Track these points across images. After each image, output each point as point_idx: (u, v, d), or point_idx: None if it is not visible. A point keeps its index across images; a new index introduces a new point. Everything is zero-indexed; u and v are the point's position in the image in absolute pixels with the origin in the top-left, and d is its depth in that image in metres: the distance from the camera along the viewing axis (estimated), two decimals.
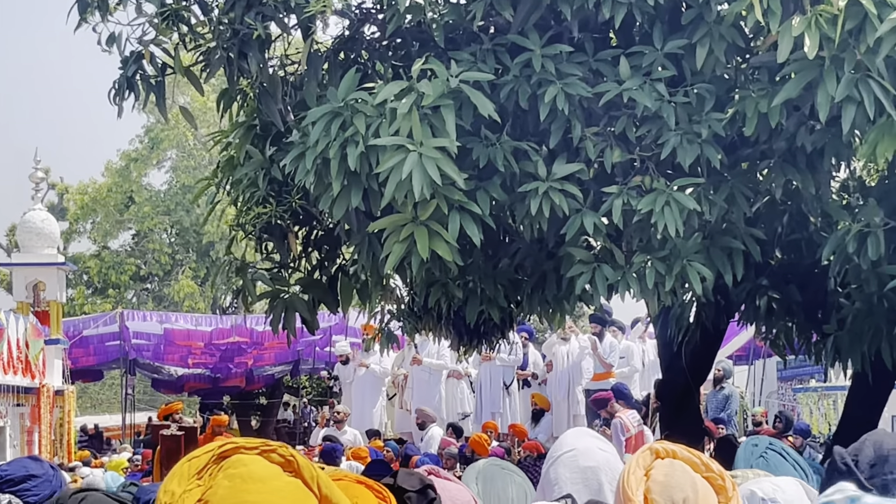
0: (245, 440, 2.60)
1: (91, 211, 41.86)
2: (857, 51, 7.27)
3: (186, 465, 2.55)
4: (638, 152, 8.17)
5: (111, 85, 9.07)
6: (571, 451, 4.58)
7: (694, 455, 3.62)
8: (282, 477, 2.53)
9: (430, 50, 8.38)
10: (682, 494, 3.44)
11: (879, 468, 2.94)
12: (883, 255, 8.09)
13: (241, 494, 2.46)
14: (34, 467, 5.23)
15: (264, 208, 9.54)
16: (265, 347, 30.25)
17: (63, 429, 24.91)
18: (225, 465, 2.52)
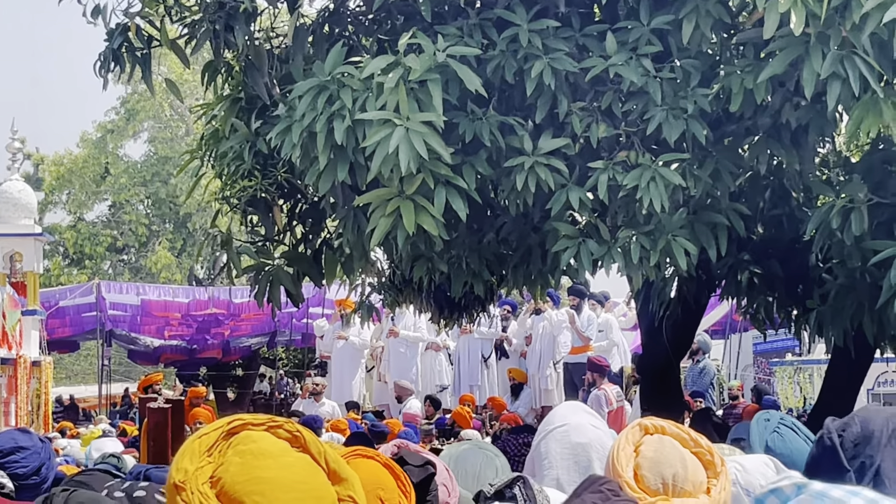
0: (252, 416, 2.60)
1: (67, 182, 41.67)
2: (842, 27, 7.28)
3: (196, 442, 2.55)
4: (623, 127, 8.19)
5: (96, 57, 9.07)
6: (564, 427, 4.59)
7: (683, 431, 3.65)
8: (291, 452, 2.53)
9: (416, 24, 8.37)
10: (671, 470, 3.47)
11: (862, 447, 2.89)
12: (866, 230, 8.12)
13: (254, 471, 2.47)
14: (23, 439, 5.22)
15: (249, 181, 9.54)
16: (242, 319, 30.21)
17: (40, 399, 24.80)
18: (234, 442, 2.52)
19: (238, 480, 2.47)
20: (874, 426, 2.83)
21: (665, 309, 10.87)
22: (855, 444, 2.79)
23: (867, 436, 2.78)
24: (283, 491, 2.45)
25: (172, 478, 2.51)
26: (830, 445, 2.85)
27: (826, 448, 2.85)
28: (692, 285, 10.52)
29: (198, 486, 2.47)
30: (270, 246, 10.12)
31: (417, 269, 9.41)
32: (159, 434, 9.98)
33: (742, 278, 10.43)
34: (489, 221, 9.42)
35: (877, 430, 2.81)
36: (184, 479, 2.48)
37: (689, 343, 12.75)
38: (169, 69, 31.74)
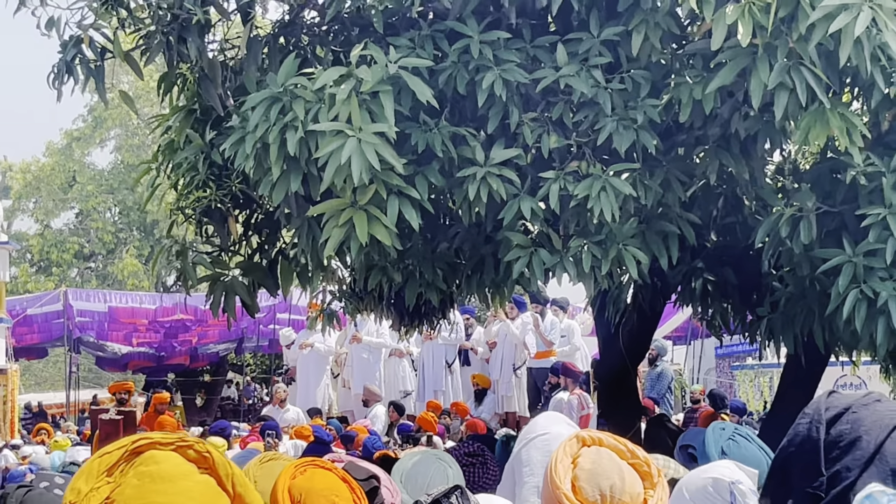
0: (162, 435, 2.56)
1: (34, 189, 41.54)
2: (789, 38, 7.31)
3: (97, 461, 2.51)
4: (574, 138, 8.18)
5: (50, 69, 9.02)
6: (545, 436, 4.65)
7: (620, 442, 3.66)
8: (193, 476, 2.50)
9: (369, 36, 8.37)
10: (608, 482, 3.47)
11: (843, 454, 2.70)
12: (815, 238, 8.15)
13: (149, 495, 2.43)
14: None
15: (204, 192, 9.51)
16: (209, 325, 30.17)
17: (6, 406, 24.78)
18: (137, 462, 2.49)
19: (132, 503, 2.42)
20: (865, 431, 2.61)
21: (620, 316, 10.89)
22: (839, 444, 2.61)
23: (854, 441, 2.59)
24: None
25: (66, 499, 2.46)
26: (814, 438, 2.65)
27: (806, 439, 2.66)
28: (647, 293, 10.54)
29: None
30: (226, 256, 10.09)
31: (372, 278, 9.40)
32: None
33: (696, 285, 10.46)
34: (442, 231, 9.41)
35: (865, 437, 2.60)
36: (75, 500, 2.44)
37: (646, 349, 12.76)
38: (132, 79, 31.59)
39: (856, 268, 7.89)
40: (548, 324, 21.89)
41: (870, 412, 2.60)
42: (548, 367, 20.59)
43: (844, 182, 8.24)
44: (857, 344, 9.02)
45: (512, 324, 22.33)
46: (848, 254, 7.95)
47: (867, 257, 7.88)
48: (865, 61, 7.18)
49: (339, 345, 25.00)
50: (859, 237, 7.99)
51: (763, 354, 11.76)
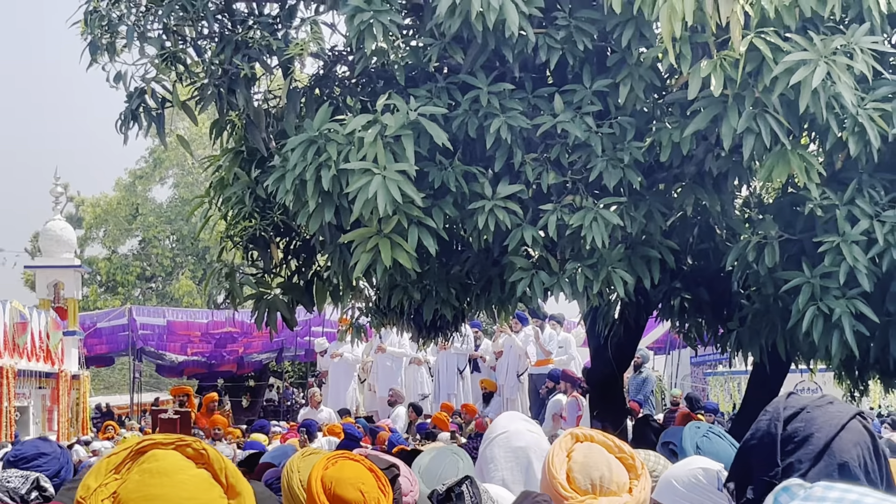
0: (163, 436, 2.57)
1: (103, 220, 41.59)
2: (755, 89, 7.30)
3: (106, 461, 2.52)
4: (570, 175, 8.18)
5: (118, 116, 9.05)
6: (504, 434, 4.63)
7: (608, 439, 3.67)
8: (190, 470, 2.50)
9: (392, 87, 8.38)
10: (598, 473, 3.48)
11: (796, 448, 2.67)
12: (778, 262, 8.13)
13: (148, 488, 2.44)
14: (44, 446, 5.23)
15: (250, 222, 9.54)
16: (254, 337, 30.10)
17: (79, 407, 24.75)
18: (141, 460, 2.50)
19: (132, 497, 2.45)
20: (817, 429, 2.53)
21: (609, 329, 10.85)
22: (794, 439, 2.58)
23: (807, 437, 2.55)
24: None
25: (77, 495, 2.48)
26: (773, 433, 2.62)
27: (765, 434, 2.64)
28: (632, 309, 10.51)
29: (97, 501, 2.44)
30: (268, 277, 10.09)
31: (395, 296, 9.38)
32: None
33: (675, 303, 10.43)
34: (455, 256, 9.41)
35: (816, 434, 2.55)
36: (84, 496, 2.45)
37: (631, 358, 12.72)
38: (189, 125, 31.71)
39: (813, 288, 7.86)
40: (547, 336, 21.89)
41: (822, 412, 2.58)
42: (546, 373, 20.54)
43: (803, 213, 8.22)
44: (814, 354, 8.97)
45: (516, 336, 22.31)
46: (807, 276, 7.92)
47: (823, 279, 7.85)
48: (821, 109, 7.17)
49: (365, 354, 24.97)
50: (816, 261, 7.96)
51: (732, 362, 11.70)
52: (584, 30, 8.05)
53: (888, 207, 7.90)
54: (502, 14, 7.65)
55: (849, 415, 2.51)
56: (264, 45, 8.51)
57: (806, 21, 7.47)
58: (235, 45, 8.53)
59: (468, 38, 8.01)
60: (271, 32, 8.61)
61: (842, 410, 2.54)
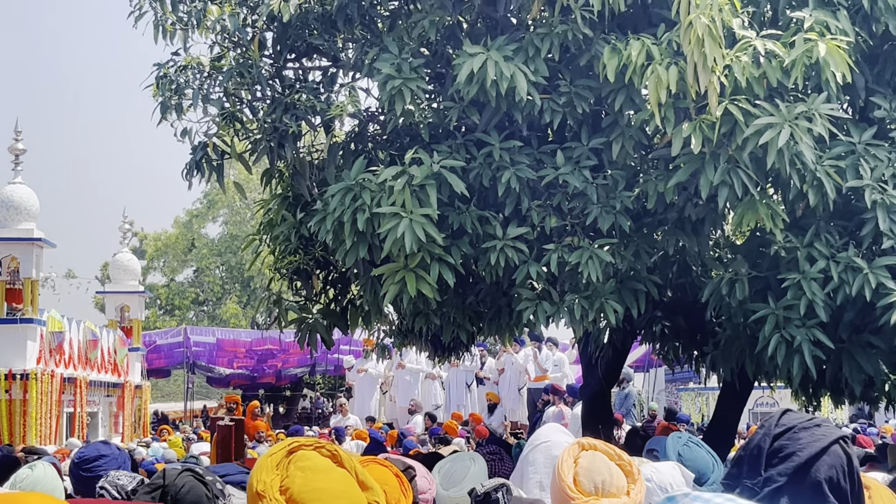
0: (304, 439, 2.67)
1: (163, 253, 41.76)
2: (729, 148, 7.31)
3: (268, 459, 2.60)
4: (569, 219, 8.18)
5: (183, 166, 9.11)
6: (547, 443, 4.66)
7: (610, 448, 3.67)
8: (335, 468, 2.60)
9: (418, 143, 8.39)
10: (601, 478, 3.49)
11: (779, 463, 2.62)
12: (747, 296, 8.12)
13: (313, 482, 2.53)
14: (104, 449, 5.22)
15: (295, 257, 9.56)
16: (290, 353, 30.14)
17: (140, 413, 24.80)
18: (294, 459, 2.58)
19: (303, 490, 2.51)
20: (800, 448, 2.49)
21: (599, 351, 10.82)
22: (779, 454, 2.55)
23: (790, 454, 2.53)
24: (335, 497, 2.51)
25: (254, 487, 2.57)
26: (762, 447, 2.60)
27: (756, 447, 2.61)
28: (620, 334, 10.47)
29: (274, 494, 2.52)
30: (310, 304, 10.09)
31: (418, 321, 9.37)
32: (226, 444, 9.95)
33: (656, 329, 10.43)
34: (470, 288, 9.39)
35: (798, 453, 2.52)
36: (263, 489, 2.53)
37: (618, 375, 12.68)
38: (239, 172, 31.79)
39: (778, 318, 7.85)
40: (544, 356, 21.87)
41: (808, 434, 2.55)
42: (542, 388, 20.50)
43: (769, 254, 8.22)
44: (776, 374, 8.95)
45: (516, 356, 22.29)
46: (771, 307, 7.91)
47: (786, 310, 7.84)
48: (785, 165, 7.18)
49: (387, 370, 24.96)
50: (780, 295, 7.95)
51: (704, 381, 11.68)
52: (582, 95, 8.08)
53: (842, 249, 7.90)
54: (513, 82, 7.69)
55: (831, 438, 2.48)
56: (309, 106, 8.54)
57: (772, 90, 7.49)
58: (285, 106, 8.56)
59: (483, 101, 8.04)
60: (315, 96, 8.64)
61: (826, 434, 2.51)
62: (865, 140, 7.93)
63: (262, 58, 8.90)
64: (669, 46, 7.53)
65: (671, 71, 7.27)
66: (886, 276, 7.67)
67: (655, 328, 10.37)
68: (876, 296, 7.68)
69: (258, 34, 8.90)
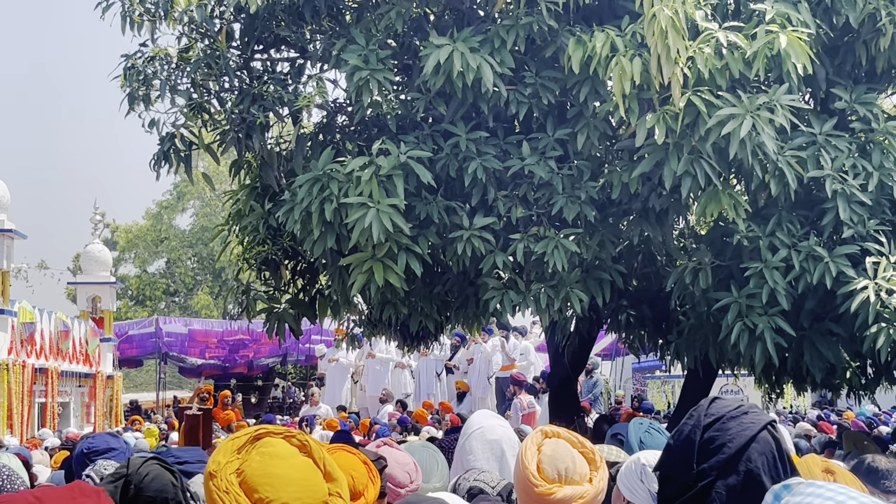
0: (274, 427, 2.67)
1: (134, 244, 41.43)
2: (692, 139, 7.32)
3: (230, 442, 2.60)
4: (535, 209, 8.18)
5: (151, 157, 9.04)
6: (480, 429, 4.64)
7: (573, 436, 3.66)
8: (298, 456, 2.59)
9: (385, 134, 8.37)
10: (564, 465, 3.48)
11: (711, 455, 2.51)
12: (710, 285, 8.15)
13: (268, 468, 2.51)
14: (114, 442, 5.22)
15: (263, 247, 9.52)
16: (262, 343, 29.97)
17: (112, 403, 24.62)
18: (258, 445, 2.58)
19: (256, 474, 2.50)
20: (729, 439, 2.45)
21: (566, 340, 10.84)
22: (709, 447, 2.53)
23: (720, 446, 2.50)
24: (288, 483, 2.49)
25: (208, 467, 2.57)
26: (692, 439, 2.56)
27: (686, 439, 2.58)
28: (585, 323, 10.50)
29: (226, 475, 2.51)
30: (278, 294, 10.04)
31: (386, 311, 9.35)
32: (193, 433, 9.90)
33: (622, 318, 10.45)
34: (438, 277, 9.38)
35: (728, 444, 2.49)
36: (216, 469, 2.53)
37: (584, 364, 12.70)
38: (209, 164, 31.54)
39: (740, 307, 7.89)
40: (511, 346, 21.87)
41: (737, 423, 2.51)
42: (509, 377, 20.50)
43: (732, 243, 8.25)
44: (740, 362, 9.00)
45: (486, 345, 22.28)
46: (734, 296, 7.94)
47: (749, 299, 7.87)
48: (748, 156, 7.20)
49: (358, 359, 24.88)
50: (743, 284, 7.98)
51: (669, 369, 11.70)
52: (547, 87, 8.07)
53: (803, 239, 7.94)
54: (479, 73, 7.67)
55: (760, 425, 2.46)
56: (277, 97, 8.49)
57: (735, 81, 7.52)
58: (252, 97, 8.50)
59: (450, 93, 8.02)
60: (283, 87, 8.58)
61: (754, 421, 2.49)
62: (826, 131, 7.97)
63: (229, 49, 8.84)
64: (633, 38, 7.53)
65: (635, 62, 7.28)
66: (847, 264, 7.72)
67: (621, 317, 10.39)
68: (836, 284, 7.73)
69: (226, 25, 8.84)
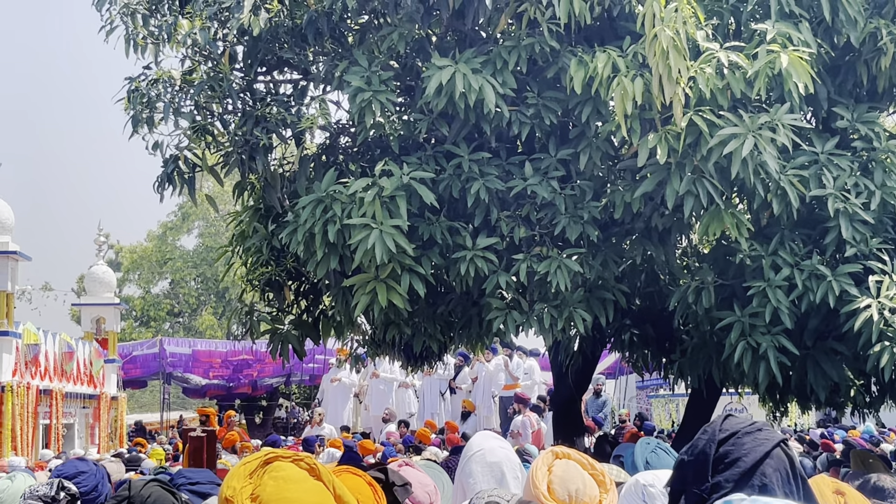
0: (282, 451, 2.66)
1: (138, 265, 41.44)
2: (694, 158, 7.32)
3: (242, 467, 2.58)
4: (538, 230, 8.18)
5: (155, 179, 9.03)
6: (480, 451, 4.59)
7: (583, 457, 3.65)
8: (309, 480, 2.57)
9: (388, 155, 8.37)
10: (574, 486, 3.47)
11: (725, 469, 2.62)
12: (713, 304, 8.13)
13: (283, 492, 2.49)
14: (82, 466, 5.19)
15: (267, 269, 9.53)
16: (266, 363, 29.90)
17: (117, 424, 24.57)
18: (269, 469, 2.56)
19: (272, 499, 2.48)
20: (744, 454, 2.39)
21: (570, 359, 10.80)
22: (724, 460, 2.53)
23: (735, 460, 2.51)
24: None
25: (223, 493, 2.54)
26: (707, 452, 2.58)
27: (701, 453, 2.59)
28: (589, 342, 10.48)
29: (242, 499, 2.48)
30: (282, 315, 10.04)
31: (389, 331, 9.32)
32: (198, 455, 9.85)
33: (625, 337, 10.43)
34: (441, 297, 9.37)
35: (743, 458, 2.50)
36: (232, 495, 2.51)
37: (588, 383, 12.67)
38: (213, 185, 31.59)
39: (743, 325, 7.87)
40: (514, 364, 21.85)
41: (751, 438, 2.53)
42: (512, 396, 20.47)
43: (734, 262, 8.24)
44: (743, 381, 8.97)
45: (489, 364, 22.26)
46: (737, 315, 7.93)
47: (752, 318, 7.86)
48: (750, 175, 7.20)
49: (362, 379, 24.86)
50: (746, 303, 7.97)
51: (673, 387, 11.66)
52: (549, 107, 8.08)
53: (806, 257, 7.93)
54: (481, 94, 7.68)
55: (773, 442, 2.47)
56: (280, 119, 8.50)
57: (736, 101, 7.52)
58: (255, 119, 8.51)
59: (452, 113, 8.03)
60: (286, 109, 8.59)
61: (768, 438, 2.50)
62: (828, 150, 7.96)
63: (232, 71, 8.84)
64: (635, 59, 7.54)
65: (637, 83, 7.28)
66: (850, 283, 7.70)
67: (624, 336, 10.38)
68: (840, 303, 7.71)
69: (229, 48, 8.85)
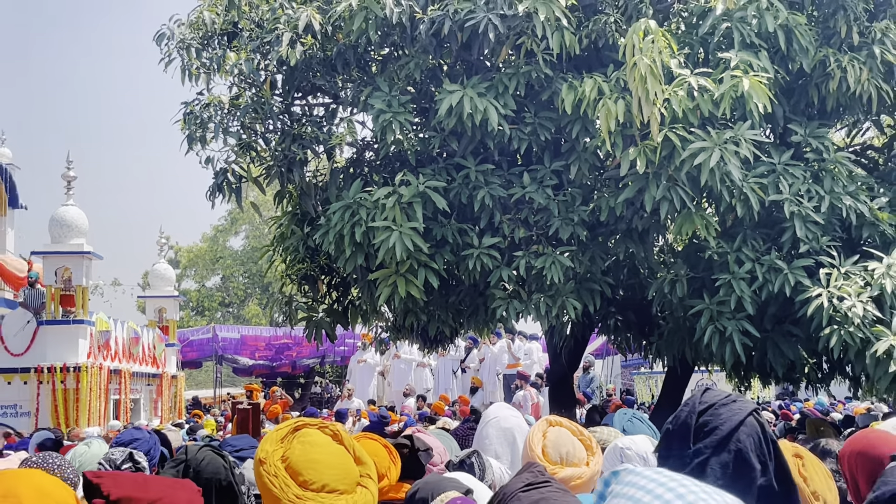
0: (310, 419, 2.68)
1: (194, 263, 41.60)
2: (669, 169, 7.31)
3: (275, 433, 2.62)
4: (535, 230, 8.18)
5: (207, 189, 9.07)
6: (496, 418, 4.65)
7: (573, 425, 3.67)
8: (333, 444, 2.61)
9: (406, 167, 8.39)
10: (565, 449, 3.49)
11: (705, 436, 2.61)
12: (686, 293, 8.12)
13: (310, 454, 2.53)
14: (136, 433, 5.19)
15: (303, 265, 9.55)
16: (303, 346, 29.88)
17: (176, 399, 24.63)
18: (298, 435, 2.60)
19: (299, 460, 2.51)
20: (721, 423, 2.44)
21: (563, 342, 10.78)
22: (704, 429, 2.52)
23: (713, 429, 2.50)
24: (329, 468, 2.51)
25: (258, 455, 2.56)
26: (688, 423, 2.56)
27: (683, 423, 2.57)
28: (579, 327, 10.44)
29: (273, 461, 2.51)
30: (316, 305, 10.05)
31: (408, 318, 9.32)
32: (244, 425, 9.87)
33: (610, 322, 10.40)
34: (452, 289, 9.37)
35: (720, 427, 2.49)
36: (265, 457, 2.54)
37: (578, 362, 12.63)
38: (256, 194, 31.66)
39: (712, 312, 7.85)
40: (516, 347, 21.86)
41: (727, 409, 2.51)
42: (514, 374, 20.46)
43: (704, 258, 8.21)
44: (712, 360, 8.94)
45: (494, 347, 22.27)
46: (707, 303, 7.91)
47: (719, 305, 7.84)
48: (717, 183, 7.18)
49: (385, 359, 24.88)
50: (714, 292, 7.95)
51: (652, 366, 11.63)
52: (544, 125, 8.09)
53: (765, 253, 7.91)
54: (486, 114, 7.68)
55: (746, 412, 2.45)
56: (314, 137, 8.53)
57: (705, 119, 7.50)
58: (293, 137, 8.54)
59: (461, 131, 8.04)
60: (319, 128, 8.63)
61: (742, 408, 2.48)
62: (784, 161, 7.94)
63: (273, 96, 8.87)
64: (618, 83, 7.53)
65: (619, 104, 7.27)
66: (803, 275, 7.69)
67: (610, 322, 10.34)
68: (795, 292, 7.69)
69: (270, 76, 8.87)
